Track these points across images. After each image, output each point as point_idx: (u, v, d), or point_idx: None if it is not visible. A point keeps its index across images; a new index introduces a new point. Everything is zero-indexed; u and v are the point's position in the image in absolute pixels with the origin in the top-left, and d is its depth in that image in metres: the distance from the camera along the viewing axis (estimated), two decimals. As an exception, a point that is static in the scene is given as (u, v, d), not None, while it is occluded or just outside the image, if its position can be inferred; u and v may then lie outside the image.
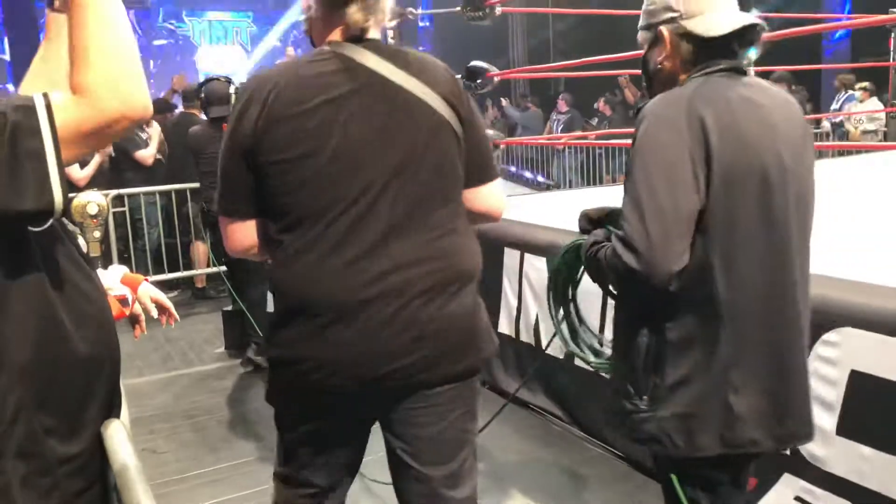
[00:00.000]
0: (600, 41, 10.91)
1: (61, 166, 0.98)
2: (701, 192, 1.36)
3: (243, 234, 1.54)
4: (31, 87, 1.25)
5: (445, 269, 1.50)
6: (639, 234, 1.35)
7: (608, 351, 1.79)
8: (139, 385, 3.92)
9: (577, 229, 1.71)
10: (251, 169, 1.46)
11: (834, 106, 8.62)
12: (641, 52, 1.60)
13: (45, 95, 0.99)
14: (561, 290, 1.88)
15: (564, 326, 1.88)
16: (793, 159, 1.45)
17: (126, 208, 5.45)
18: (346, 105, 1.44)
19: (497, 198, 1.63)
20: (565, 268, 1.84)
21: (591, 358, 1.86)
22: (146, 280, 1.80)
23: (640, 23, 1.56)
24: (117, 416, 1.25)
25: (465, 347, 1.53)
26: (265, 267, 1.73)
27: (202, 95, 4.42)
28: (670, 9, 1.46)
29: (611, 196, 4.95)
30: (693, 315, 1.42)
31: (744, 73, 1.48)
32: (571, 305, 1.89)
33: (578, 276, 1.85)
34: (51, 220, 1.07)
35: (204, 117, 6.07)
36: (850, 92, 8.12)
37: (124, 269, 1.85)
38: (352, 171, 1.45)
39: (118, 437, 1.17)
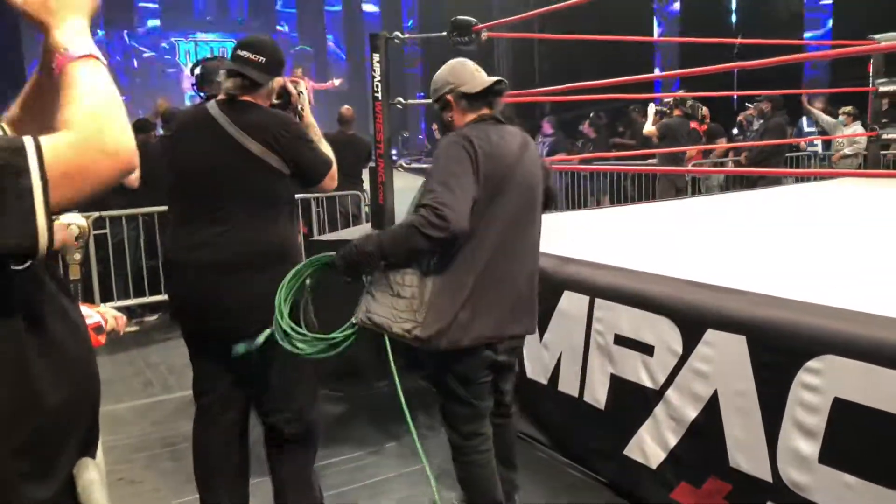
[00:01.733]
0: (584, 64, 11.06)
1: (48, 206, 0.98)
2: (475, 185, 2.15)
3: None
4: (20, 117, 1.25)
5: (230, 253, 2.26)
6: (450, 198, 2.07)
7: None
8: (118, 412, 3.85)
9: (559, 252, 2.90)
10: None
11: (811, 129, 8.72)
12: (630, 77, 3.08)
13: (35, 138, 1.00)
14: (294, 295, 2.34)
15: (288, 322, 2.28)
16: (523, 174, 2.28)
17: (107, 230, 5.40)
18: (192, 139, 2.37)
19: (325, 186, 2.46)
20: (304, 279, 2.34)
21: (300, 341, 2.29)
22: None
23: (432, 98, 2.39)
24: (94, 453, 1.22)
25: (247, 310, 2.27)
26: None
27: (197, 73, 4.32)
28: (448, 83, 2.33)
29: (595, 218, 4.94)
30: (462, 267, 2.20)
31: (501, 122, 2.33)
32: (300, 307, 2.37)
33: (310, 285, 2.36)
34: (32, 260, 1.04)
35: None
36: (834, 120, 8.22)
37: None
38: (190, 184, 2.33)
39: (88, 478, 1.15)
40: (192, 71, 4.49)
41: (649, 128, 7.41)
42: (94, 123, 1.04)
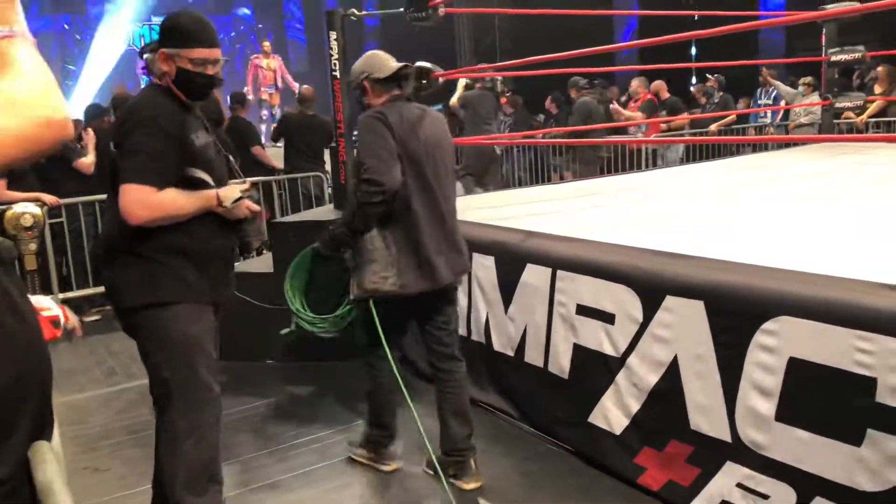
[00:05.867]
0: (546, 39, 11.05)
1: None
2: (397, 148, 2.56)
3: None
4: None
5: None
6: (379, 164, 2.50)
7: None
8: (81, 401, 3.80)
9: (522, 227, 3.29)
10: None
11: (765, 100, 8.86)
12: (587, 49, 3.58)
13: None
14: (298, 281, 3.17)
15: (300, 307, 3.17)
16: (434, 145, 2.68)
17: (63, 219, 5.28)
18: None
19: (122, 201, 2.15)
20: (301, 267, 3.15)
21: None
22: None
23: (352, 87, 2.81)
24: (49, 436, 1.21)
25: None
26: None
27: (147, 57, 4.24)
28: (363, 71, 2.72)
29: (557, 193, 4.96)
30: (400, 223, 2.62)
31: (410, 100, 2.74)
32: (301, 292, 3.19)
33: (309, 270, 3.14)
34: None
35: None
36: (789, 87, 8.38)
37: None
38: None
39: (41, 457, 1.13)
40: (140, 55, 4.40)
41: (454, 100, 7.76)
42: (28, 98, 1.04)
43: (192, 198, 2.19)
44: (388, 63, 2.72)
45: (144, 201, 2.10)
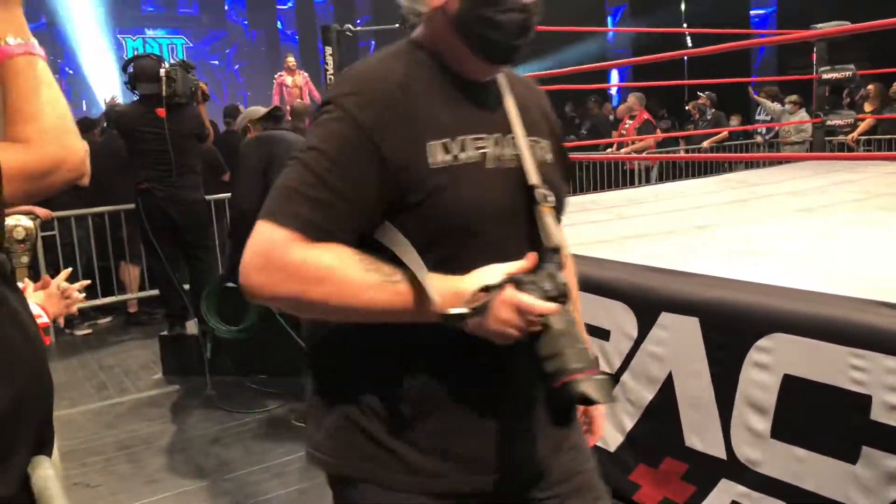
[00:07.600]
0: (540, 55, 11.14)
1: (1, 203, 0.98)
2: (262, 176, 3.62)
3: None
4: None
5: None
6: (242, 195, 3.74)
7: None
8: (72, 416, 3.76)
9: None
10: None
11: (763, 116, 8.95)
12: (581, 67, 3.79)
13: None
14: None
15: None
16: None
17: (56, 232, 5.26)
18: None
19: None
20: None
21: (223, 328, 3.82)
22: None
23: (239, 128, 4.34)
24: (49, 452, 1.20)
25: None
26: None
27: (130, 71, 4.31)
28: (246, 117, 4.15)
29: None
30: None
31: (278, 129, 4.01)
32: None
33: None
34: None
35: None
36: (777, 105, 8.46)
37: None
38: None
39: (43, 474, 1.12)
40: (124, 69, 4.41)
41: None
42: (53, 141, 1.05)
43: (374, 277, 1.02)
44: (262, 110, 4.00)
45: (267, 257, 1.01)
